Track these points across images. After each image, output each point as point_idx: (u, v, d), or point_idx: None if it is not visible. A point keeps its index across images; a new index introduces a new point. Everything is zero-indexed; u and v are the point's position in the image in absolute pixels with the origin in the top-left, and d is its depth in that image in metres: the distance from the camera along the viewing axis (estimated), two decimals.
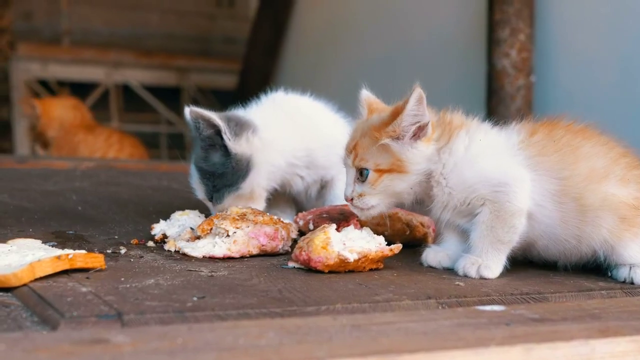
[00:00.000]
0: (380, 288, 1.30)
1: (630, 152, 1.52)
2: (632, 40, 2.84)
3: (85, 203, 2.12)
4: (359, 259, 1.40)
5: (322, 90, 2.01)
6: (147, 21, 5.83)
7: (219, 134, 1.68)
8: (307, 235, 1.45)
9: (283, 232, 1.55)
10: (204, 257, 1.49)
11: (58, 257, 1.26)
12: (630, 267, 1.47)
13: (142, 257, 1.47)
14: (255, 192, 1.73)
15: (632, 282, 1.46)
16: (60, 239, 1.59)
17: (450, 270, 1.48)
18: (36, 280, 1.22)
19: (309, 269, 1.41)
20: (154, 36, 5.85)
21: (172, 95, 5.67)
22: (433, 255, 1.52)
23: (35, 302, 1.13)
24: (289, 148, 1.77)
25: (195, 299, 1.17)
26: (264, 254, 1.53)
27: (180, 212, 1.69)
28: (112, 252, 1.48)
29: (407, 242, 1.65)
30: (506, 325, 1.09)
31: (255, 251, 1.52)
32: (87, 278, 1.26)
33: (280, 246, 1.55)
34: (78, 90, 5.21)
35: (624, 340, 1.05)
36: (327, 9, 4.74)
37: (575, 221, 1.45)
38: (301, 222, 1.66)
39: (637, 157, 1.52)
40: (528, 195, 1.43)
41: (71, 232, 1.69)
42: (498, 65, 3.16)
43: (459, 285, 1.37)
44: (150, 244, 1.59)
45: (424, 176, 1.46)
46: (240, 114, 1.77)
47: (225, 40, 6.01)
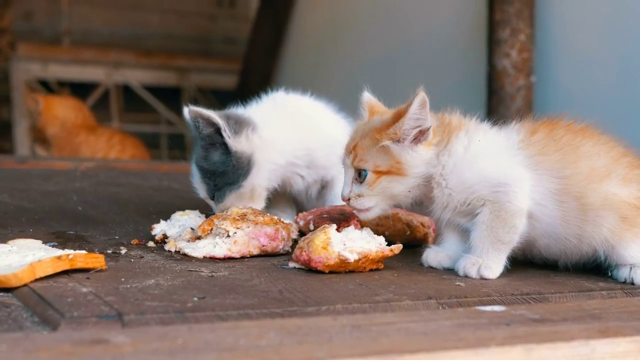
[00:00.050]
0: (380, 288, 1.30)
1: (631, 151, 1.52)
2: (632, 40, 2.84)
3: (86, 203, 2.11)
4: (360, 259, 1.40)
5: (323, 90, 2.01)
6: (148, 21, 5.83)
7: (218, 132, 1.68)
8: (307, 236, 1.45)
9: (283, 233, 1.55)
10: (204, 257, 1.49)
11: (58, 258, 1.26)
12: (630, 267, 1.47)
13: (143, 257, 1.47)
14: (256, 191, 1.73)
15: (633, 283, 1.46)
16: (61, 239, 1.59)
17: (451, 271, 1.48)
18: (36, 280, 1.22)
19: (309, 269, 1.41)
20: (154, 36, 5.85)
21: (172, 96, 5.66)
22: (433, 256, 1.52)
23: (36, 303, 1.13)
24: (289, 147, 1.77)
25: (196, 299, 1.17)
26: (265, 255, 1.53)
27: (181, 213, 1.69)
28: (112, 253, 1.48)
29: (408, 243, 1.65)
30: (506, 325, 1.09)
31: (255, 251, 1.52)
32: (88, 278, 1.26)
33: (280, 246, 1.55)
34: (78, 91, 5.21)
35: (625, 341, 1.05)
36: (327, 10, 4.74)
37: (576, 220, 1.45)
38: (301, 223, 1.66)
39: (638, 156, 1.52)
40: (528, 195, 1.43)
41: (72, 232, 1.69)
42: (498, 65, 3.16)
43: (459, 285, 1.37)
44: (151, 244, 1.59)
45: (422, 179, 1.46)
46: (240, 112, 1.77)
47: (225, 41, 6.01)
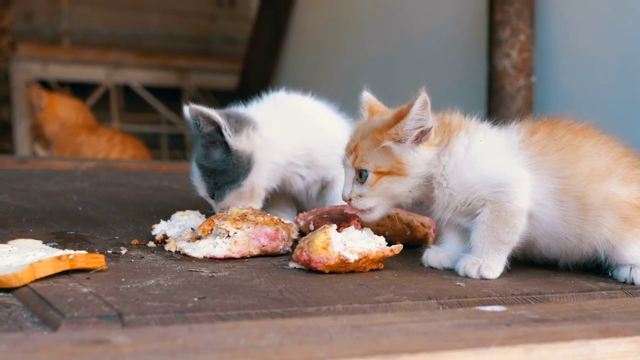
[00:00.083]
0: (380, 288, 1.30)
1: (631, 151, 1.52)
2: (632, 40, 2.84)
3: (86, 203, 2.12)
4: (360, 259, 1.40)
5: (323, 90, 2.01)
6: (148, 21, 5.83)
7: (219, 131, 1.67)
8: (307, 236, 1.45)
9: (284, 233, 1.55)
10: (204, 257, 1.49)
11: (59, 258, 1.26)
12: (631, 267, 1.47)
13: (143, 257, 1.47)
14: (255, 191, 1.73)
15: (633, 283, 1.46)
16: (61, 240, 1.59)
17: (451, 271, 1.48)
18: (37, 280, 1.22)
19: (309, 269, 1.41)
20: (155, 36, 5.85)
21: (172, 96, 5.66)
22: (434, 256, 1.52)
23: (36, 303, 1.13)
24: (290, 147, 1.77)
25: (196, 299, 1.17)
26: (265, 255, 1.53)
27: (181, 213, 1.69)
28: (112, 253, 1.48)
29: (408, 243, 1.65)
30: (507, 325, 1.09)
31: (255, 252, 1.52)
32: (88, 278, 1.26)
33: (281, 247, 1.55)
34: (78, 91, 5.21)
35: (625, 341, 1.05)
36: (327, 10, 4.74)
37: (576, 220, 1.45)
38: (302, 223, 1.66)
39: (638, 156, 1.52)
40: (528, 195, 1.43)
41: (72, 232, 1.69)
42: (498, 65, 3.16)
43: (459, 285, 1.37)
44: (151, 244, 1.59)
45: (423, 179, 1.46)
46: (241, 111, 1.77)
47: (225, 41, 6.01)
